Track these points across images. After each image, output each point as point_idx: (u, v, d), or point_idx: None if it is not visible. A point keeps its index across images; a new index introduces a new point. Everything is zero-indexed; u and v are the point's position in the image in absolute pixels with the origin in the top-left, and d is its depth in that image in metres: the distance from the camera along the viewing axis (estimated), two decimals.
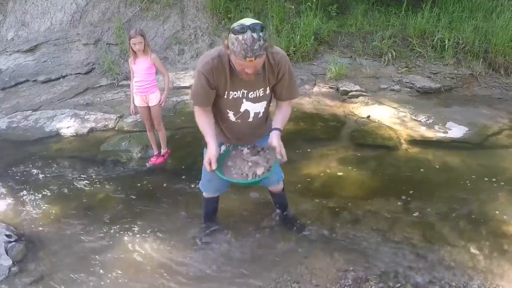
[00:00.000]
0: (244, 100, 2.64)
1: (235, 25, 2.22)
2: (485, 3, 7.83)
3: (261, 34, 2.19)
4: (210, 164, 2.54)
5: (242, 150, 2.76)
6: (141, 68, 4.49)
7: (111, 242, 3.57)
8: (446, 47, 7.12)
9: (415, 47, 7.37)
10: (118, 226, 3.78)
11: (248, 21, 2.22)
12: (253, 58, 2.21)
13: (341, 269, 3.10)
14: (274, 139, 2.60)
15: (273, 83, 2.63)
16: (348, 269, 3.09)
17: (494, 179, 4.19)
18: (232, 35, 2.21)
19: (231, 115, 2.73)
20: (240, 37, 2.17)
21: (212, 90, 2.57)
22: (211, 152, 2.55)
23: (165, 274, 3.19)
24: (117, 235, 3.66)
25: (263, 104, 2.72)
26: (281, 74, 2.58)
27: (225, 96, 2.61)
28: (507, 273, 3.02)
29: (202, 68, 2.48)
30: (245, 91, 2.59)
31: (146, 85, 4.55)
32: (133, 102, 4.72)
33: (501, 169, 4.40)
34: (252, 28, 2.17)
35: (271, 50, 2.44)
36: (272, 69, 2.54)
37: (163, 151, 4.95)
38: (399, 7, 7.92)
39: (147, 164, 4.87)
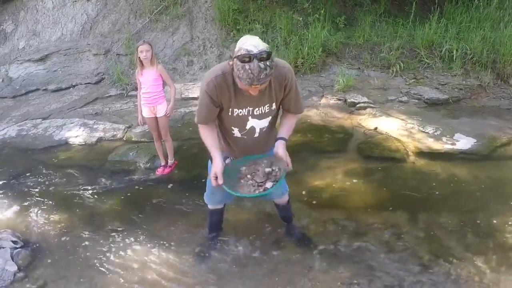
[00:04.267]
0: (250, 117, 2.62)
1: (242, 50, 2.18)
2: (492, 13, 7.78)
3: (267, 63, 2.17)
4: (216, 178, 2.53)
5: (252, 164, 2.74)
6: (148, 79, 4.53)
7: (116, 251, 3.59)
8: (454, 58, 7.08)
9: (423, 58, 7.35)
10: (123, 235, 3.80)
11: (254, 46, 2.18)
12: (259, 85, 2.22)
13: (346, 282, 3.08)
14: (280, 148, 2.61)
15: (281, 97, 2.62)
16: (352, 282, 3.08)
17: (502, 191, 4.15)
18: (238, 62, 2.18)
19: (236, 132, 2.72)
20: (247, 66, 2.15)
21: (216, 108, 2.56)
22: (217, 167, 2.54)
23: (168, 285, 3.19)
24: (122, 244, 3.68)
25: (269, 119, 2.71)
26: (289, 88, 2.57)
27: (230, 114, 2.60)
28: None
29: (206, 86, 2.47)
30: (251, 109, 2.58)
31: (154, 96, 4.59)
32: (141, 113, 4.76)
33: (510, 180, 4.36)
34: (259, 57, 2.14)
35: (276, 64, 2.38)
36: (279, 84, 2.53)
37: (170, 161, 4.97)
38: (406, 18, 7.91)
39: (154, 174, 4.89)
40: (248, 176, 2.67)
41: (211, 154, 2.63)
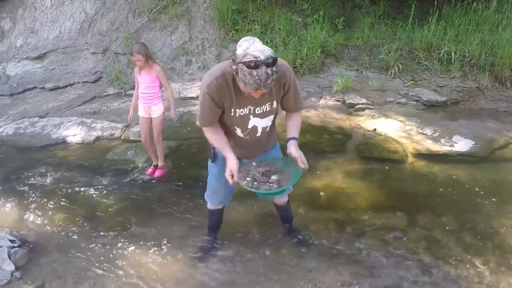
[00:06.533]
0: (251, 116, 2.63)
1: (248, 56, 2.17)
2: (491, 16, 7.82)
3: (274, 68, 2.19)
4: (232, 176, 2.54)
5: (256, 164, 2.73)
6: (145, 80, 4.53)
7: (113, 251, 3.57)
8: (453, 60, 7.10)
9: (422, 60, 7.37)
10: (121, 235, 3.77)
11: (261, 52, 2.18)
12: (265, 90, 2.25)
13: (346, 283, 3.08)
14: (293, 149, 2.63)
15: (281, 95, 2.63)
16: (352, 283, 3.08)
17: (500, 193, 4.17)
18: (244, 68, 2.18)
19: (239, 132, 2.72)
20: (254, 72, 2.16)
21: (219, 109, 2.56)
22: (232, 165, 2.55)
23: (167, 285, 3.18)
24: (119, 244, 3.65)
25: (271, 118, 2.72)
26: (288, 86, 2.59)
27: (232, 114, 2.60)
28: None
29: (207, 88, 2.45)
30: (252, 108, 2.58)
31: (148, 97, 4.59)
32: (133, 110, 4.82)
33: (508, 182, 4.39)
34: (266, 63, 2.16)
35: None
36: (279, 82, 2.53)
37: (160, 164, 4.91)
38: (405, 20, 7.94)
39: (150, 175, 4.87)
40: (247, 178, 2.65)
41: (224, 153, 2.63)
